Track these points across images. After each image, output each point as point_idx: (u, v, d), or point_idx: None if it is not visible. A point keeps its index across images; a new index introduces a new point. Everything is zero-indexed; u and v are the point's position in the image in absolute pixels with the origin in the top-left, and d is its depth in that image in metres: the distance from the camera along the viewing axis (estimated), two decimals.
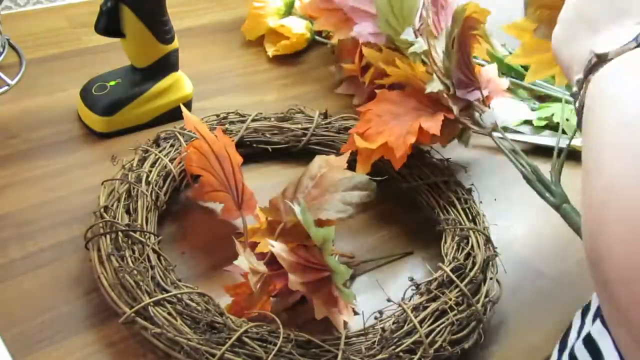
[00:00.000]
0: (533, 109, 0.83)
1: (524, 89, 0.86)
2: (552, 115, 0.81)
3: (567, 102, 0.83)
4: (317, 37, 0.92)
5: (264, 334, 0.48)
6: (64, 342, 0.50)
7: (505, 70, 0.85)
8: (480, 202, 0.66)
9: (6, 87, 0.75)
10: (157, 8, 0.66)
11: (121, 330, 0.51)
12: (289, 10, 0.91)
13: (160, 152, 0.63)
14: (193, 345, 0.46)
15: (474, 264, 0.57)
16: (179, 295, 0.49)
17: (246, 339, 0.47)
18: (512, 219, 0.69)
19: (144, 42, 0.67)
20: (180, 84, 0.73)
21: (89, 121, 0.70)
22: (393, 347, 0.49)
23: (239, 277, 0.52)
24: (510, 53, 0.86)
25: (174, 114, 0.72)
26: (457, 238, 0.60)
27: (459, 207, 0.64)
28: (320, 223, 0.53)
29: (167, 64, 0.71)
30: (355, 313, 0.53)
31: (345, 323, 0.51)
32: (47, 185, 0.63)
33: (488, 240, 0.60)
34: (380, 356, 0.48)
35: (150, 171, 0.61)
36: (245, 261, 0.51)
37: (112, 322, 0.51)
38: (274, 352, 0.46)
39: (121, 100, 0.69)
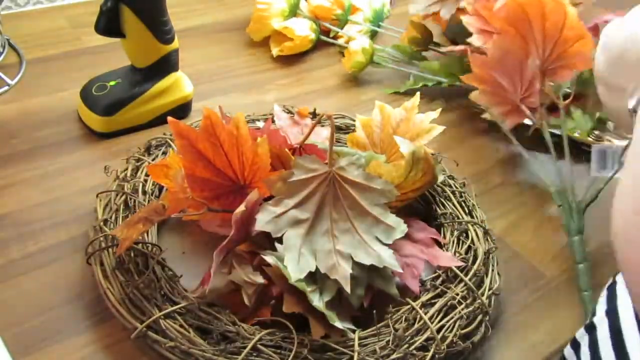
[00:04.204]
0: None
1: None
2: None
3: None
4: (322, 37, 0.92)
5: (278, 340, 0.48)
6: (64, 342, 0.50)
7: None
8: (475, 195, 0.66)
9: (6, 87, 0.75)
10: (157, 8, 0.66)
11: (121, 330, 0.51)
12: (293, 11, 0.91)
13: (153, 160, 0.63)
14: (208, 356, 0.46)
15: (475, 257, 0.58)
16: (189, 307, 0.49)
17: (261, 347, 0.47)
18: (512, 218, 0.69)
19: (144, 42, 0.67)
20: (180, 84, 0.73)
21: (89, 121, 0.70)
22: (406, 345, 0.49)
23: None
24: None
25: (174, 114, 0.72)
26: (456, 232, 0.60)
27: (454, 201, 0.64)
28: None
29: (167, 64, 0.71)
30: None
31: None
32: (47, 185, 0.63)
33: (486, 232, 0.61)
34: (394, 356, 0.48)
35: (146, 180, 0.61)
36: (239, 275, 0.50)
37: (111, 322, 0.51)
38: (290, 358, 0.46)
39: (121, 100, 0.69)
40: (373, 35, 0.95)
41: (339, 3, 0.93)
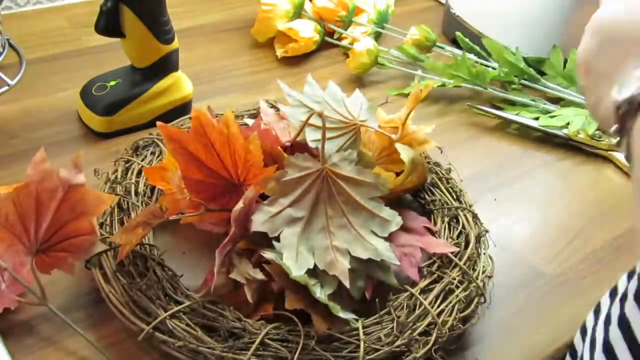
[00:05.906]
0: (547, 112, 0.82)
1: (537, 91, 0.86)
2: (568, 123, 0.80)
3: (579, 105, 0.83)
4: (326, 39, 0.92)
5: (284, 333, 0.49)
6: (64, 342, 0.50)
7: (518, 73, 0.85)
8: (461, 180, 0.67)
9: (6, 87, 0.75)
10: (157, 8, 0.66)
11: (121, 330, 0.51)
12: (298, 13, 0.91)
13: (142, 161, 0.63)
14: (218, 354, 0.46)
15: (467, 241, 0.59)
16: (193, 305, 0.49)
17: (268, 341, 0.48)
18: (512, 218, 0.69)
19: (144, 42, 0.67)
20: (180, 84, 0.73)
21: (89, 121, 0.70)
22: (409, 331, 0.50)
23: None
24: (524, 57, 0.86)
25: (174, 114, 0.72)
26: (446, 218, 0.61)
27: (442, 187, 0.65)
28: None
29: (167, 64, 0.71)
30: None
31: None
32: None
33: (475, 217, 0.62)
34: (399, 342, 0.49)
35: (137, 182, 0.61)
36: (240, 272, 0.50)
37: (112, 323, 0.51)
38: (299, 351, 0.47)
39: (121, 100, 0.69)
40: (377, 36, 0.95)
41: (343, 4, 0.93)
